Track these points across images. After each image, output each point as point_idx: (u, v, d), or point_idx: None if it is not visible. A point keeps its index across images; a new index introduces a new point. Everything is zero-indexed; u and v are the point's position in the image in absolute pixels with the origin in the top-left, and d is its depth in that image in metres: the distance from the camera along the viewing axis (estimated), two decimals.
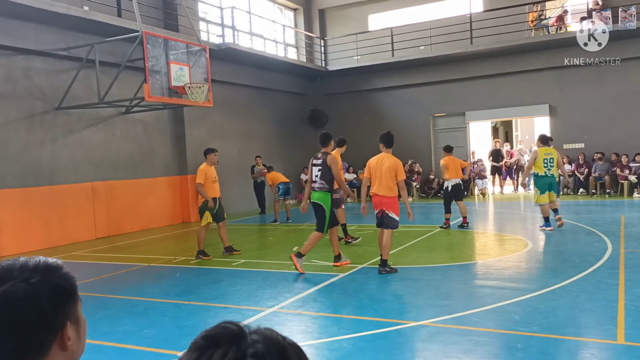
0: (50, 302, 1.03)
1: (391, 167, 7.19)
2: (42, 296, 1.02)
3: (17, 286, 1.01)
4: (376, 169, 7.28)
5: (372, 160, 7.52)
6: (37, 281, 1.03)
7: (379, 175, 7.20)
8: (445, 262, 7.99)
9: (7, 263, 1.07)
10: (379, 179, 7.19)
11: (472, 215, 12.29)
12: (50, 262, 1.09)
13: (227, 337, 0.86)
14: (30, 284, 1.02)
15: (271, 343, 0.86)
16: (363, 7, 20.11)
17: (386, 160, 7.31)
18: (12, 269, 1.04)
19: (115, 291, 7.15)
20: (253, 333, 0.87)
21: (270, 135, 18.48)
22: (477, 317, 5.24)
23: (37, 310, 1.01)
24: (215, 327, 0.89)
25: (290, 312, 5.77)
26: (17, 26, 10.52)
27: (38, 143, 11.35)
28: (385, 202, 7.17)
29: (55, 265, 1.09)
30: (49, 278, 1.05)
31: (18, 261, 1.07)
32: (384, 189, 7.17)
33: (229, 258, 9.03)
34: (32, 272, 1.04)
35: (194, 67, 11.59)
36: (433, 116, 18.87)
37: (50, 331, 1.04)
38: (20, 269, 1.04)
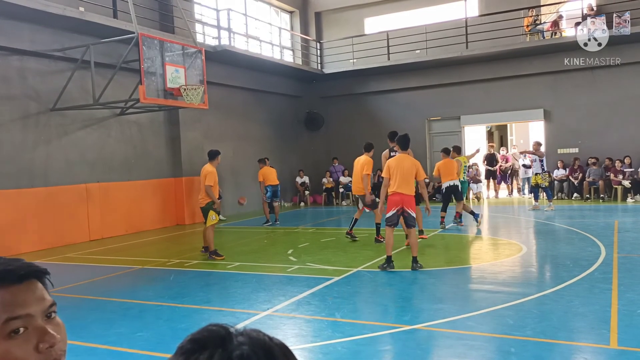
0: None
1: (412, 167, 7.57)
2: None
3: None
4: (396, 168, 7.54)
5: (391, 161, 7.82)
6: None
7: (400, 174, 7.47)
8: (440, 265, 8.01)
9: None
10: (400, 178, 7.46)
11: (466, 219, 12.31)
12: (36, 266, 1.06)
13: (213, 340, 0.86)
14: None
15: (257, 344, 0.86)
16: (359, 10, 20.17)
17: (406, 160, 7.64)
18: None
19: (109, 294, 7.12)
20: (239, 335, 0.87)
21: (266, 137, 18.47)
22: (472, 321, 5.25)
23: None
24: (202, 330, 0.89)
25: (285, 316, 5.76)
26: (12, 26, 10.48)
27: (32, 144, 11.29)
28: (406, 200, 7.48)
29: (42, 271, 1.05)
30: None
31: (13, 261, 1.05)
32: (405, 187, 7.47)
33: (223, 261, 9.00)
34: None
35: (190, 68, 11.58)
36: (428, 120, 18.92)
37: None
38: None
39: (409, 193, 7.54)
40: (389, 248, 7.67)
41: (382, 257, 8.67)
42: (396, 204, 7.52)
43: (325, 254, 9.36)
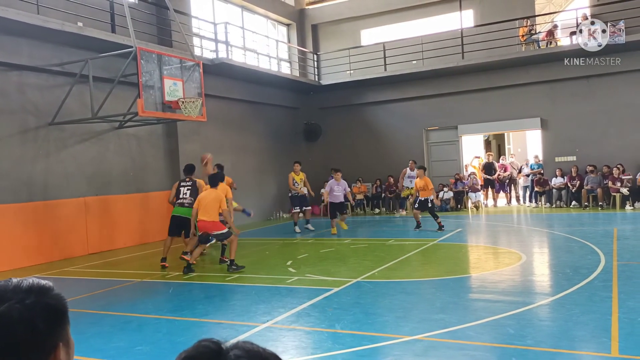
0: (44, 323, 1.03)
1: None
2: (37, 317, 1.02)
3: (12, 307, 1.01)
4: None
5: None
6: (31, 302, 1.03)
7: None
8: (440, 275, 7.99)
9: (1, 284, 1.06)
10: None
11: (465, 228, 12.32)
12: (42, 283, 1.09)
13: (208, 357, 0.87)
14: (25, 305, 1.02)
15: (255, 356, 0.88)
16: (355, 22, 20.31)
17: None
18: (5, 290, 1.04)
19: (109, 307, 7.09)
20: (234, 348, 0.88)
21: (264, 149, 18.51)
22: (472, 331, 5.23)
23: (32, 331, 1.01)
24: (195, 347, 0.90)
25: (285, 328, 5.74)
26: (11, 42, 10.53)
27: (31, 158, 11.31)
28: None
29: (48, 286, 1.09)
30: (42, 299, 1.05)
31: (11, 282, 1.07)
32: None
33: (222, 273, 8.98)
34: (26, 293, 1.04)
35: (188, 82, 11.63)
36: (426, 129, 18.98)
37: (44, 352, 1.04)
38: (14, 290, 1.04)
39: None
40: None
41: (382, 267, 8.66)
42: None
43: (324, 264, 9.34)
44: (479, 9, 18.28)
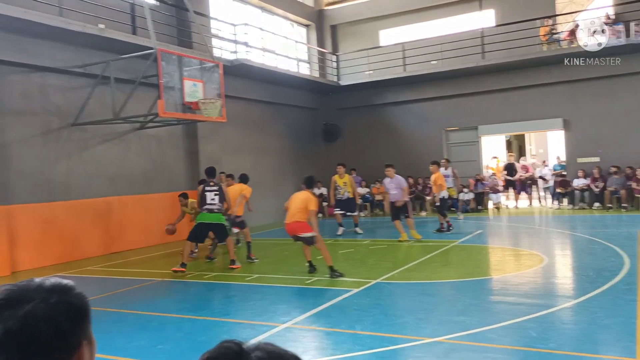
0: (68, 321, 1.04)
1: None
2: (61, 316, 1.03)
3: (37, 307, 1.02)
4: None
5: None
6: (55, 302, 1.04)
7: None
8: (460, 277, 7.92)
9: (22, 284, 1.07)
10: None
11: (486, 229, 12.19)
12: (64, 282, 1.10)
13: (230, 358, 0.87)
14: (49, 305, 1.03)
15: (277, 358, 0.87)
16: (374, 22, 20.26)
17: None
18: (28, 289, 1.05)
19: (130, 306, 7.17)
20: (255, 350, 0.88)
21: (283, 150, 18.55)
22: (494, 334, 5.17)
23: (57, 330, 1.02)
24: (217, 348, 0.90)
25: (304, 328, 5.73)
26: (33, 44, 10.72)
27: (54, 159, 11.49)
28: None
29: (70, 285, 1.10)
30: (65, 298, 1.06)
31: (33, 282, 1.08)
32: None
33: (242, 273, 9.02)
34: (49, 292, 1.05)
35: (208, 83, 11.70)
36: (445, 130, 18.83)
37: (68, 351, 1.05)
38: (37, 289, 1.05)
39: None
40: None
41: (402, 268, 8.61)
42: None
43: (343, 265, 9.30)
44: (500, 8, 18.08)
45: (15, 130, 10.81)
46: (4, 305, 1.02)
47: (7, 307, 1.01)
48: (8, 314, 1.00)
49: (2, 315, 1.00)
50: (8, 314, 1.00)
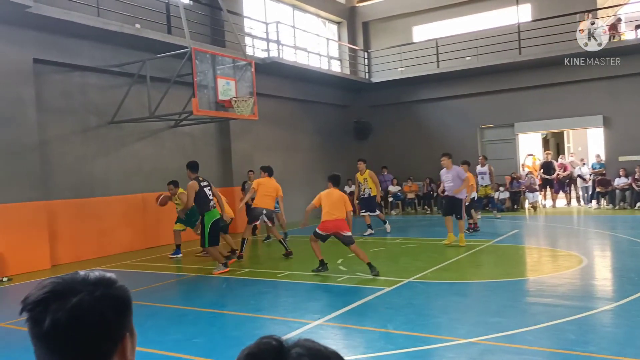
0: (113, 313, 1.07)
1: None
2: (107, 308, 1.06)
3: (84, 299, 1.04)
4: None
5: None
6: (100, 294, 1.06)
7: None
8: (495, 277, 7.76)
9: (68, 277, 1.09)
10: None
11: (522, 229, 11.93)
12: (108, 275, 1.13)
13: (270, 354, 0.86)
14: (95, 297, 1.05)
15: (316, 355, 0.87)
16: (407, 18, 20.06)
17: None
18: (74, 282, 1.07)
19: (165, 300, 7.30)
20: (295, 346, 0.88)
21: (314, 147, 18.57)
22: (531, 336, 5.05)
23: (103, 321, 1.05)
24: (257, 344, 0.90)
25: (336, 326, 5.72)
26: (74, 44, 11.01)
27: (92, 156, 11.79)
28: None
29: (113, 278, 1.12)
30: (110, 291, 1.09)
31: (78, 275, 1.10)
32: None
33: (273, 270, 9.06)
34: (94, 285, 1.07)
35: (240, 81, 11.80)
36: (480, 128, 18.52)
37: (113, 342, 1.07)
38: (82, 282, 1.08)
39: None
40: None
41: (435, 267, 8.51)
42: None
43: (375, 263, 9.23)
44: (537, 2, 17.66)
45: (56, 127, 11.13)
46: (52, 298, 1.04)
47: (54, 299, 1.03)
48: (56, 306, 1.02)
49: (50, 307, 1.02)
50: (56, 306, 1.02)
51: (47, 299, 1.04)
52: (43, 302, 1.03)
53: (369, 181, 12.80)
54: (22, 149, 10.13)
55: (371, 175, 12.81)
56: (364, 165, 12.93)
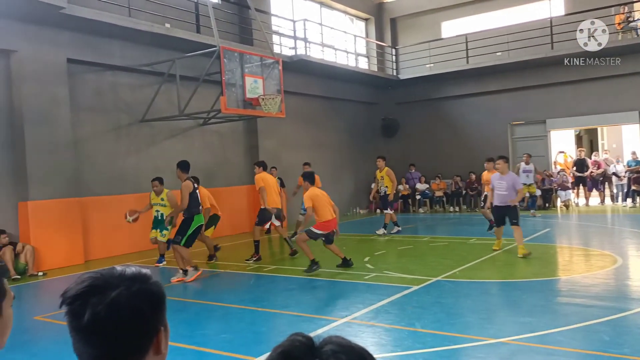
0: (150, 308, 1.10)
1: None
2: (143, 303, 1.09)
3: (121, 294, 1.07)
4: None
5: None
6: (137, 289, 1.09)
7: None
8: (526, 277, 7.62)
9: (105, 272, 1.13)
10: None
11: (554, 228, 11.68)
12: (143, 271, 1.16)
13: (303, 351, 0.87)
14: (132, 292, 1.08)
15: (350, 351, 0.87)
16: (436, 14, 19.83)
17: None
18: (111, 277, 1.11)
19: (195, 296, 7.41)
20: (327, 343, 0.88)
21: (341, 144, 18.54)
22: (562, 336, 4.95)
23: (140, 316, 1.08)
24: (289, 341, 0.90)
25: (363, 324, 5.70)
26: (106, 44, 11.24)
27: (124, 153, 12.03)
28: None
29: (148, 274, 1.15)
30: (146, 286, 1.12)
31: (115, 270, 1.14)
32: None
33: (301, 267, 9.09)
34: (131, 280, 1.11)
35: (268, 79, 11.86)
36: (511, 124, 18.20)
37: (148, 336, 1.10)
38: (119, 277, 1.11)
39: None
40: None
41: (464, 266, 8.41)
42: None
43: (403, 262, 9.21)
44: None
45: (88, 126, 11.39)
46: (91, 292, 1.07)
47: (93, 293, 1.07)
48: (96, 299, 1.06)
49: (89, 301, 1.06)
50: (96, 299, 1.06)
51: (86, 292, 1.07)
52: (82, 296, 1.07)
53: (385, 179, 12.71)
54: (57, 147, 10.40)
55: (389, 174, 12.68)
56: (383, 163, 12.84)
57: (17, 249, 9.50)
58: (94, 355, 1.07)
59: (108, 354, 1.06)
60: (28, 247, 9.62)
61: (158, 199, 9.64)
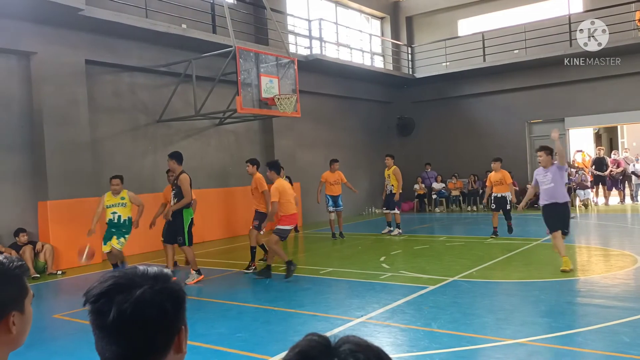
0: (172, 306, 1.12)
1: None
2: (167, 301, 1.11)
3: (146, 292, 1.09)
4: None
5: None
6: (160, 288, 1.11)
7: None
8: (544, 277, 7.53)
9: (129, 271, 1.15)
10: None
11: (572, 228, 11.51)
12: (165, 270, 1.18)
13: (320, 351, 0.87)
14: (155, 291, 1.10)
15: (367, 350, 0.87)
16: (452, 12, 19.68)
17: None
18: (135, 275, 1.13)
19: (210, 295, 7.45)
20: (344, 343, 0.88)
21: (357, 144, 18.51)
22: (581, 337, 4.88)
23: (164, 314, 1.10)
24: (305, 341, 0.90)
25: (379, 323, 5.69)
26: (123, 45, 11.36)
27: (141, 153, 12.15)
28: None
29: (170, 274, 1.17)
30: (168, 285, 1.14)
31: (138, 269, 1.15)
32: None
33: (316, 266, 9.10)
34: (154, 279, 1.13)
35: (283, 78, 11.88)
36: (529, 123, 18.00)
37: (170, 334, 1.12)
38: (143, 276, 1.13)
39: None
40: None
41: (481, 266, 8.34)
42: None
43: (418, 261, 9.16)
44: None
45: (107, 126, 11.53)
46: (116, 290, 1.09)
47: (118, 291, 1.09)
48: (121, 297, 1.08)
49: (115, 299, 1.08)
50: (121, 297, 1.08)
51: (111, 290, 1.09)
52: (107, 293, 1.09)
53: (392, 178, 12.57)
54: (76, 148, 10.54)
55: (395, 173, 12.53)
56: (392, 161, 12.73)
57: (37, 248, 9.65)
58: (118, 353, 1.08)
59: (131, 352, 1.08)
60: (47, 246, 9.77)
61: (117, 198, 8.66)
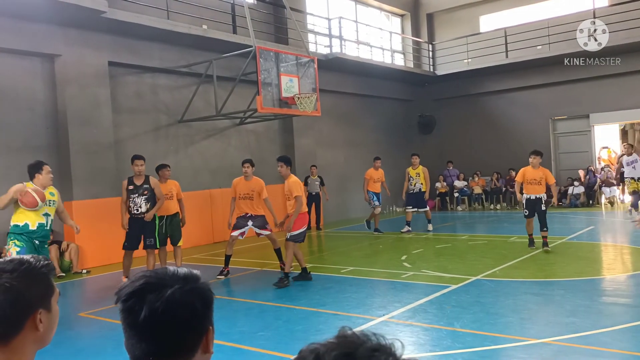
0: (202, 306, 1.14)
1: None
2: (197, 301, 1.13)
3: (176, 292, 1.11)
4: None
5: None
6: (189, 288, 1.13)
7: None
8: (569, 276, 7.40)
9: (159, 271, 1.17)
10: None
11: (598, 225, 11.30)
12: (193, 271, 1.19)
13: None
14: (185, 291, 1.12)
15: (384, 349, 0.84)
16: (474, 8, 19.45)
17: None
18: (165, 276, 1.15)
19: (232, 293, 7.50)
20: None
21: (377, 142, 18.41)
22: (607, 337, 4.78)
23: (194, 313, 1.12)
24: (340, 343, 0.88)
25: (401, 323, 5.65)
26: (145, 47, 11.49)
27: (163, 153, 12.27)
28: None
29: (198, 274, 1.19)
30: (197, 285, 1.16)
31: (168, 270, 1.18)
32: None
33: (337, 265, 9.09)
34: (183, 280, 1.15)
35: (303, 77, 11.89)
36: (552, 119, 17.71)
37: (199, 333, 1.14)
38: (172, 277, 1.15)
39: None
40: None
41: (504, 265, 8.23)
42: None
43: (440, 260, 9.09)
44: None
45: (129, 126, 11.69)
46: (147, 289, 1.11)
47: (150, 290, 1.11)
48: (152, 296, 1.10)
49: (146, 298, 1.10)
50: (152, 296, 1.10)
51: (142, 290, 1.11)
52: (138, 293, 1.11)
53: (421, 176, 12.71)
54: (99, 148, 10.70)
55: (424, 171, 12.74)
56: (418, 160, 12.93)
57: (62, 247, 9.84)
58: (148, 351, 1.10)
59: (161, 350, 1.09)
60: (72, 245, 9.95)
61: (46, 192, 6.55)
